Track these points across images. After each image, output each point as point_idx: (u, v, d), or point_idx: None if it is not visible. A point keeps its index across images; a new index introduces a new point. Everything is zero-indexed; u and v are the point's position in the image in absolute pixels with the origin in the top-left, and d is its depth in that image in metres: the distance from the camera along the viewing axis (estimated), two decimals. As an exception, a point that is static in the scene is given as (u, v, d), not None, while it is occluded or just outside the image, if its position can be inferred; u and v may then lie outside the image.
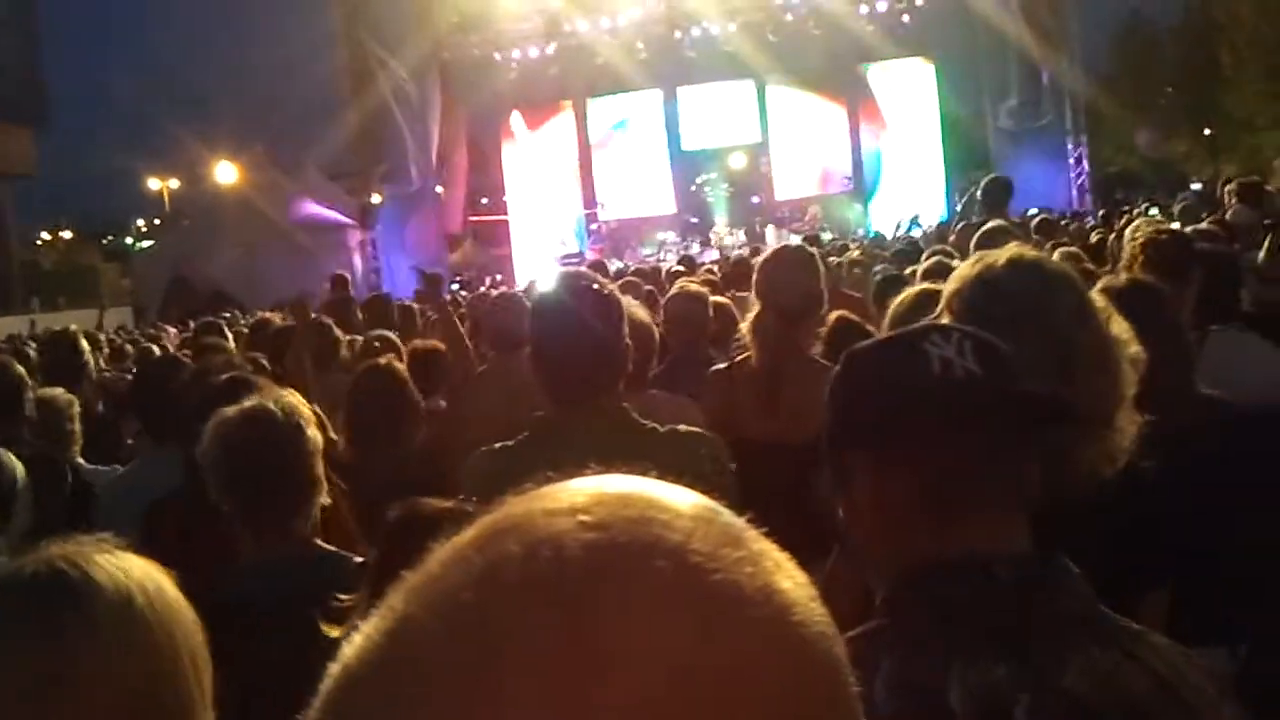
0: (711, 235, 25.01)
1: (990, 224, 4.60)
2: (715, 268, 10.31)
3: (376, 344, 5.04)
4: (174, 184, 42.29)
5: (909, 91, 25.62)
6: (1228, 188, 10.01)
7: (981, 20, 22.05)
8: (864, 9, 23.55)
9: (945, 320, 2.03)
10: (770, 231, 22.97)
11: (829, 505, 1.36)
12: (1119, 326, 2.02)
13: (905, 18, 23.75)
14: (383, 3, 21.78)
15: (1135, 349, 2.02)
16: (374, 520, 2.33)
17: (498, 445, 2.49)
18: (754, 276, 3.59)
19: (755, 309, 3.53)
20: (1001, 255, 2.03)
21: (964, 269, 2.02)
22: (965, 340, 1.29)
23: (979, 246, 4.72)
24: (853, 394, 1.33)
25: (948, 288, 2.04)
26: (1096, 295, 2.03)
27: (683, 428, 2.54)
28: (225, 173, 26.22)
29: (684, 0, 22.96)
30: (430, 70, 23.52)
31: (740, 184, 27.60)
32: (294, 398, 2.58)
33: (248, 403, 2.50)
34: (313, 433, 2.50)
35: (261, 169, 24.27)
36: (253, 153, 25.37)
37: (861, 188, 25.88)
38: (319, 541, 2.45)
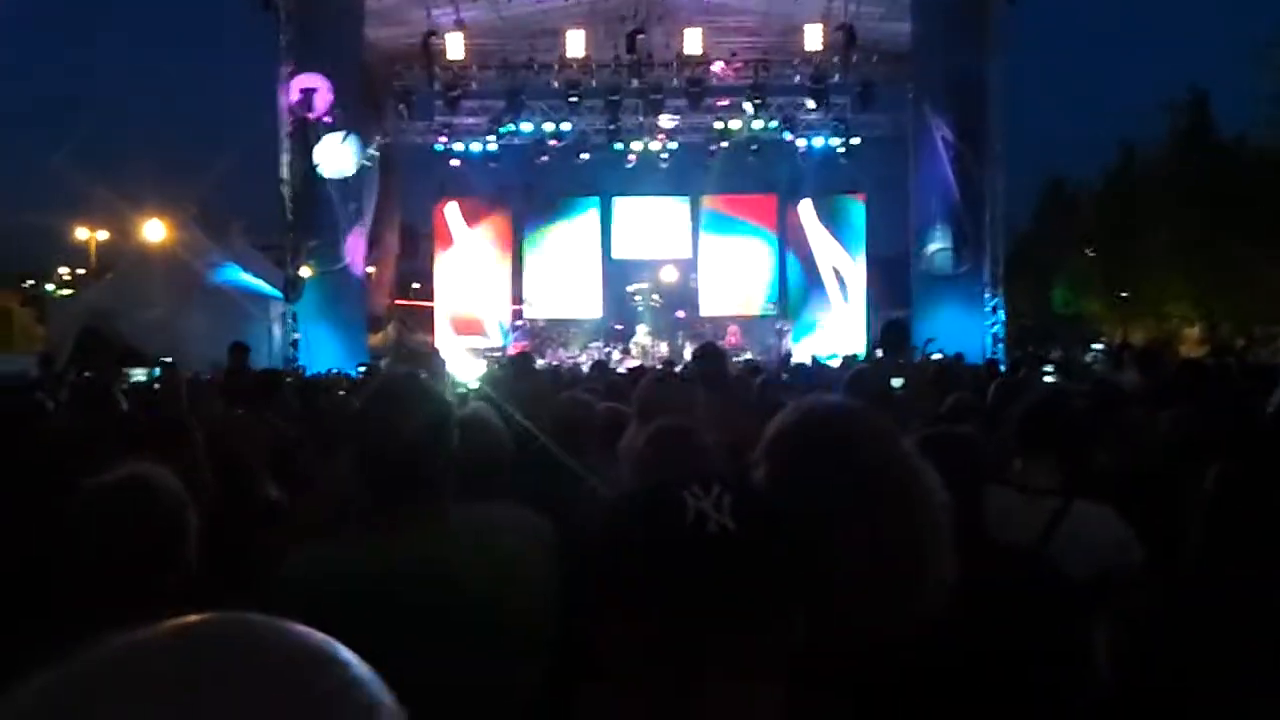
0: (632, 344, 25.18)
1: (860, 367, 4.74)
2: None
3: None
4: (102, 235, 41.62)
5: (838, 226, 26.26)
6: (1125, 354, 10.32)
7: (913, 165, 22.78)
8: (801, 144, 24.28)
9: (762, 465, 2.08)
10: (688, 346, 23.19)
11: None
12: (929, 476, 2.08)
13: (841, 156, 24.47)
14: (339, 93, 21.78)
15: (943, 496, 2.08)
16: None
17: (312, 543, 2.47)
18: (633, 396, 3.62)
19: (632, 428, 3.53)
20: (819, 405, 2.08)
21: (785, 414, 2.08)
22: (725, 494, 1.28)
23: (850, 382, 4.87)
24: (610, 537, 1.32)
25: (767, 432, 2.09)
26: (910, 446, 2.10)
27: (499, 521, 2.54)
28: (153, 230, 25.86)
29: (628, 116, 23.46)
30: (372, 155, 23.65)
31: (669, 296, 27.96)
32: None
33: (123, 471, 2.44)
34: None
35: (189, 229, 23.99)
36: (182, 211, 25.06)
37: (785, 314, 26.31)
38: None
